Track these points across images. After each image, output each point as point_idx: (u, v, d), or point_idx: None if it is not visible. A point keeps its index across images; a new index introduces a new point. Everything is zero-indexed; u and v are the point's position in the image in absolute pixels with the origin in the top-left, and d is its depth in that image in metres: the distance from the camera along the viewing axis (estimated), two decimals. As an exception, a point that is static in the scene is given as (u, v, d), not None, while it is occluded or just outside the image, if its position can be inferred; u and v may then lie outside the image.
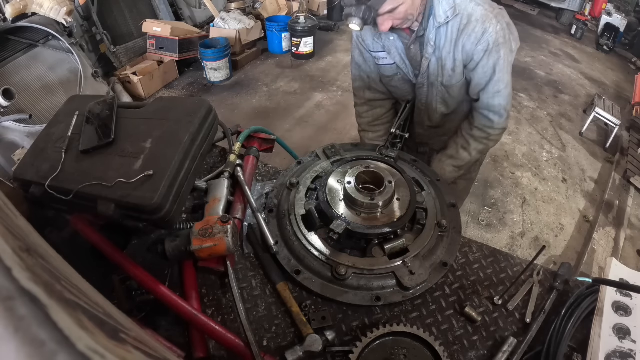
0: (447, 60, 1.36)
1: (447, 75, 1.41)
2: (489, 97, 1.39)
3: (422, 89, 1.53)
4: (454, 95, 1.48)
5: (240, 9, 5.64)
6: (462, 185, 1.88)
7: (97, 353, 0.26)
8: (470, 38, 1.28)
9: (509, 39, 1.30)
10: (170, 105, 1.14)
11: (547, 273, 1.11)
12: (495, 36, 1.26)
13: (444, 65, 1.38)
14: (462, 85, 1.45)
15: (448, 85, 1.45)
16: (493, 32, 1.25)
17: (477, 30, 1.26)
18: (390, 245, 1.06)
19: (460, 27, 1.28)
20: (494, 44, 1.27)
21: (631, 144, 4.16)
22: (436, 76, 1.44)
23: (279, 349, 0.92)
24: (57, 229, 1.10)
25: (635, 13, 7.27)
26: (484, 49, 1.28)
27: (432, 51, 1.37)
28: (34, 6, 3.14)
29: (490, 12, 1.26)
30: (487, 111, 1.45)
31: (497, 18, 1.26)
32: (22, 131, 2.55)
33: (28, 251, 0.33)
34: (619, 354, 0.88)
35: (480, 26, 1.25)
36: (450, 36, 1.31)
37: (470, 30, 1.27)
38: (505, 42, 1.29)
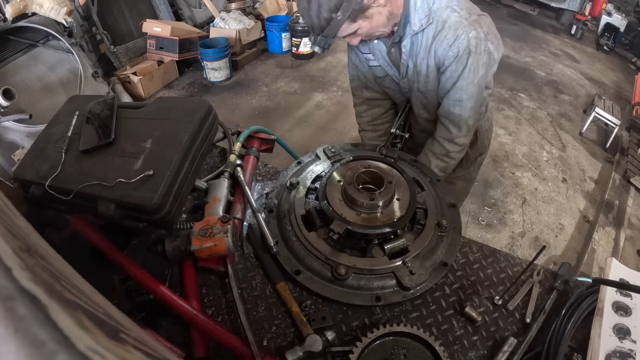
0: (422, 66, 1.37)
1: (423, 81, 1.41)
2: (450, 104, 1.39)
3: (407, 93, 1.55)
4: (431, 100, 1.48)
5: (240, 9, 5.64)
6: (460, 185, 1.87)
7: (97, 353, 0.26)
8: (442, 44, 1.27)
9: (483, 50, 1.28)
10: (170, 105, 1.14)
11: (547, 273, 1.11)
12: (467, 43, 1.24)
13: (419, 71, 1.39)
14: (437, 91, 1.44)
15: (424, 91, 1.45)
16: (465, 39, 1.24)
17: (448, 37, 1.25)
18: (390, 245, 1.06)
19: (434, 33, 1.28)
20: (464, 50, 1.25)
21: (631, 144, 4.16)
22: (413, 82, 1.45)
23: (279, 349, 0.92)
24: (57, 229, 1.09)
25: (635, 13, 7.27)
26: (454, 55, 1.27)
27: (406, 57, 1.38)
28: (34, 6, 3.14)
29: (465, 19, 1.24)
30: (447, 120, 1.44)
31: (473, 25, 1.24)
32: (22, 131, 2.55)
33: (28, 251, 0.33)
34: (619, 354, 0.88)
35: (453, 32, 1.24)
36: (425, 42, 1.30)
37: (443, 37, 1.26)
38: (477, 52, 1.27)
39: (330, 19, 1.16)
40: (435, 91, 1.43)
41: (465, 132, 1.46)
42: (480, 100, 1.39)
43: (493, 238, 3.07)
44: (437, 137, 1.52)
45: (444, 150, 1.51)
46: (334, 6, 1.14)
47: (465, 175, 1.83)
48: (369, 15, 1.22)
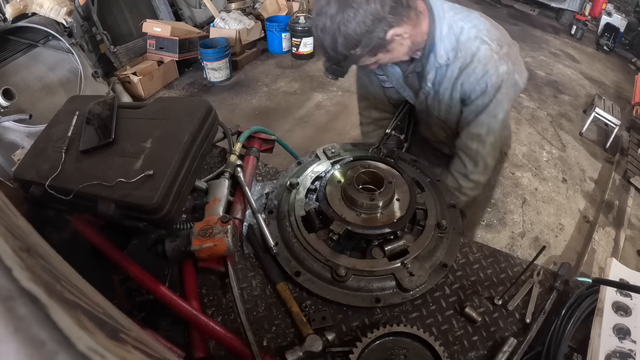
0: (444, 95, 1.29)
1: (444, 111, 1.35)
2: (468, 137, 1.31)
3: (422, 114, 1.50)
4: (452, 126, 1.42)
5: (240, 9, 5.64)
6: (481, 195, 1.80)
7: (97, 353, 0.26)
8: (470, 78, 1.19)
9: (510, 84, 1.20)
10: (170, 105, 1.14)
11: (547, 273, 1.11)
12: (496, 79, 1.17)
13: (441, 100, 1.31)
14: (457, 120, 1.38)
15: (445, 119, 1.40)
16: (494, 74, 1.16)
17: (477, 71, 1.17)
18: (390, 247, 1.06)
19: (462, 66, 1.19)
20: (492, 86, 1.18)
21: (631, 144, 4.16)
22: (432, 108, 1.38)
23: (279, 349, 0.92)
24: (57, 229, 1.10)
25: (635, 13, 7.27)
26: (481, 89, 1.20)
27: (428, 89, 1.30)
28: (34, 6, 3.14)
29: (496, 52, 1.15)
30: (464, 153, 1.37)
31: (504, 59, 1.16)
32: (22, 131, 2.55)
33: (28, 251, 0.33)
34: (619, 354, 0.88)
35: (482, 67, 1.16)
36: (451, 74, 1.22)
37: (471, 70, 1.18)
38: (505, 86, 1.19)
39: (348, 55, 1.06)
40: (457, 120, 1.35)
41: (482, 169, 1.37)
42: (501, 139, 1.32)
43: (493, 238, 3.06)
44: (451, 170, 1.44)
45: (456, 185, 1.42)
46: (352, 43, 1.03)
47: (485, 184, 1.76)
48: (390, 49, 1.12)
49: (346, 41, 1.02)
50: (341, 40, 1.02)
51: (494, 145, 1.32)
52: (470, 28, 1.16)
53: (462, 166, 1.39)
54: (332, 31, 1.02)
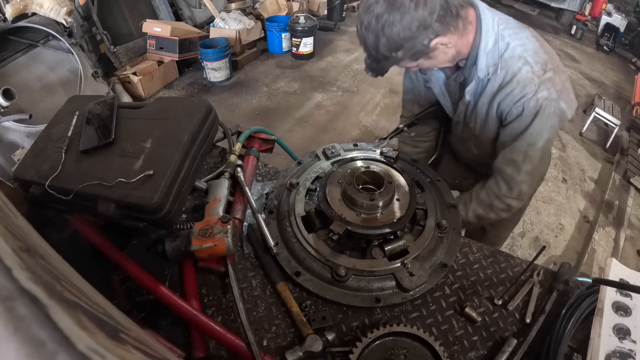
0: (482, 110, 1.26)
1: (480, 125, 1.32)
2: (504, 162, 1.27)
3: (458, 126, 1.46)
4: (485, 143, 1.37)
5: (240, 9, 5.65)
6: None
7: (97, 353, 0.26)
8: (507, 98, 1.16)
9: (552, 112, 1.13)
10: (170, 105, 1.14)
11: (547, 273, 1.11)
12: (534, 104, 1.12)
13: (477, 114, 1.29)
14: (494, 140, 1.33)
15: (479, 135, 1.36)
16: (532, 99, 1.11)
17: (515, 93, 1.13)
18: (390, 247, 1.06)
19: (501, 83, 1.15)
20: (529, 111, 1.13)
21: (631, 144, 4.16)
22: (469, 121, 1.36)
23: (279, 349, 0.92)
24: (57, 229, 1.10)
25: (635, 13, 7.28)
26: (517, 112, 1.16)
27: (467, 101, 1.28)
28: (34, 6, 3.14)
29: (537, 76, 1.11)
30: (499, 176, 1.32)
31: (545, 84, 1.11)
32: (22, 131, 2.55)
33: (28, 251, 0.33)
34: (619, 354, 0.88)
35: (520, 89, 1.12)
36: (490, 89, 1.19)
37: (509, 90, 1.14)
38: (545, 114, 1.13)
39: (389, 56, 1.05)
40: (492, 138, 1.32)
41: (516, 196, 1.31)
42: (541, 168, 1.26)
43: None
44: (486, 186, 1.38)
45: (488, 201, 1.36)
46: (394, 46, 1.02)
47: None
48: (432, 56, 1.10)
49: (389, 43, 1.02)
50: (384, 41, 1.02)
51: (530, 174, 1.26)
52: (517, 46, 1.12)
53: (497, 187, 1.34)
54: (376, 31, 1.01)
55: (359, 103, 4.65)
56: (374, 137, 4.02)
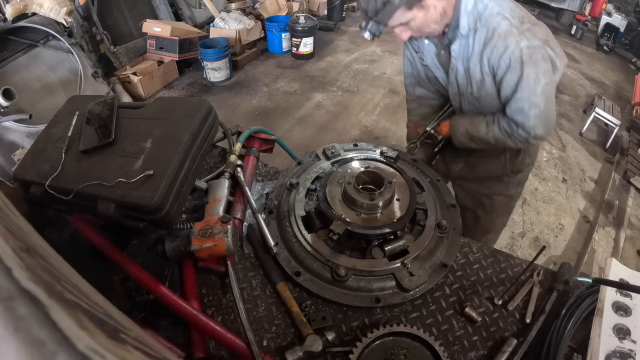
0: (475, 71, 1.33)
1: (476, 87, 1.38)
2: (513, 113, 1.34)
3: (454, 100, 1.52)
4: (486, 105, 1.43)
5: (240, 9, 5.65)
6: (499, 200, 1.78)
7: (97, 353, 0.26)
8: (493, 53, 1.25)
9: (540, 58, 1.22)
10: (170, 105, 1.14)
11: (547, 273, 1.11)
12: (518, 53, 1.20)
13: (472, 76, 1.35)
14: (493, 97, 1.39)
15: (478, 96, 1.41)
16: (515, 49, 1.20)
17: (498, 46, 1.22)
18: (390, 247, 1.06)
19: (485, 40, 1.25)
20: (515, 60, 1.21)
21: (631, 144, 4.16)
22: (465, 86, 1.41)
23: (279, 349, 0.92)
24: (57, 229, 1.10)
25: (635, 13, 7.27)
26: (506, 65, 1.24)
27: (455, 61, 1.36)
28: (34, 6, 3.14)
29: (516, 27, 1.20)
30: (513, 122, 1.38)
31: (525, 34, 1.20)
32: (22, 131, 2.55)
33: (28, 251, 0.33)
34: (619, 354, 0.88)
35: (502, 42, 1.21)
36: (477, 48, 1.28)
37: (493, 45, 1.24)
38: (533, 60, 1.21)
39: (387, 2, 1.16)
40: (492, 96, 1.38)
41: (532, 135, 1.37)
42: (548, 109, 1.31)
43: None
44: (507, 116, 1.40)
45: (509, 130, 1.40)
46: None
47: (504, 191, 1.74)
48: (425, 6, 1.21)
49: None
50: None
51: (539, 117, 1.31)
52: (494, 6, 1.23)
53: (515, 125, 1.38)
54: None
55: (359, 103, 4.65)
56: (373, 137, 4.04)
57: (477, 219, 1.83)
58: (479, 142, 1.51)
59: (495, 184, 1.72)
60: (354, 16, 7.26)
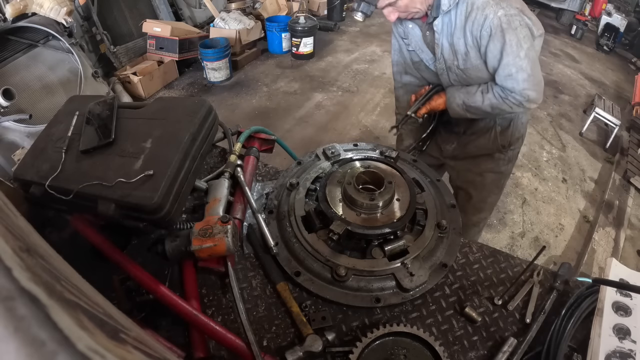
0: (459, 45, 1.42)
1: (462, 59, 1.46)
2: (502, 80, 1.42)
3: (443, 75, 1.58)
4: (473, 77, 1.50)
5: (240, 9, 5.65)
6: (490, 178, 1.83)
7: (97, 353, 0.26)
8: (474, 25, 1.34)
9: (518, 25, 1.31)
10: (170, 105, 1.14)
11: (547, 273, 1.11)
12: (497, 22, 1.30)
13: (457, 49, 1.44)
14: (479, 68, 1.46)
15: (464, 69, 1.49)
16: (494, 18, 1.30)
17: (478, 17, 1.32)
18: (390, 247, 1.06)
19: (465, 13, 1.34)
20: (496, 29, 1.31)
21: (631, 144, 4.16)
22: (452, 60, 1.49)
23: (279, 349, 0.92)
24: (57, 229, 1.09)
25: (635, 13, 7.28)
26: (487, 34, 1.33)
27: (439, 36, 1.44)
28: (34, 6, 3.14)
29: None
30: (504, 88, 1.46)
31: (500, 4, 1.30)
32: (22, 131, 2.55)
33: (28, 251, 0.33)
34: (619, 354, 0.88)
35: (481, 13, 1.31)
36: (459, 23, 1.37)
37: (473, 17, 1.33)
38: (512, 27, 1.31)
39: None
40: (478, 68, 1.46)
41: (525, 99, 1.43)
42: (536, 73, 1.39)
43: (493, 238, 3.06)
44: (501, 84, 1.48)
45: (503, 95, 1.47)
46: None
47: (494, 168, 1.80)
48: None
49: None
50: None
51: (528, 80, 1.38)
52: None
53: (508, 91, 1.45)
54: None
55: (359, 103, 4.65)
56: (373, 137, 4.04)
57: (469, 198, 1.90)
58: (475, 111, 1.56)
59: (486, 161, 1.77)
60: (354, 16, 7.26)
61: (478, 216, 1.97)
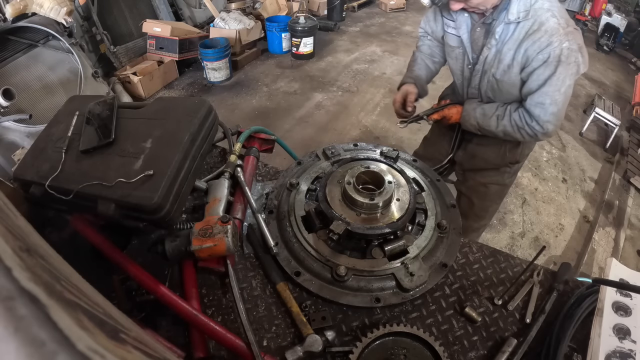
0: (506, 56, 1.39)
1: (502, 70, 1.43)
2: (532, 104, 1.41)
3: (475, 77, 1.56)
4: (503, 90, 1.49)
5: (240, 9, 5.65)
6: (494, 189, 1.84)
7: (97, 353, 0.26)
8: (534, 45, 1.30)
9: (573, 61, 1.29)
10: (170, 105, 1.14)
11: (547, 273, 1.11)
12: (559, 52, 1.27)
13: (502, 59, 1.41)
14: (513, 84, 1.45)
15: (500, 80, 1.47)
16: (557, 48, 1.26)
17: (542, 40, 1.28)
18: (390, 247, 1.06)
19: (529, 30, 1.30)
20: (554, 58, 1.28)
21: (631, 144, 4.16)
22: (490, 66, 1.46)
23: (279, 349, 0.92)
24: (57, 229, 1.09)
25: (635, 13, 7.26)
26: (543, 59, 1.30)
27: (494, 43, 1.40)
28: (34, 6, 3.14)
29: (562, 27, 1.26)
30: (529, 114, 1.45)
31: (568, 36, 1.26)
32: (22, 131, 2.55)
33: (28, 251, 0.33)
34: (619, 354, 0.88)
35: (547, 37, 1.27)
36: (517, 35, 1.33)
37: (537, 38, 1.29)
38: (567, 62, 1.28)
39: None
40: (512, 84, 1.44)
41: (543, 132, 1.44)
42: (562, 110, 1.40)
43: (493, 238, 3.06)
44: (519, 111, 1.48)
45: (520, 124, 1.48)
46: None
47: (499, 180, 1.81)
48: None
49: None
50: None
51: (555, 114, 1.39)
52: (545, 1, 1.29)
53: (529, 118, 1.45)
54: None
55: (359, 103, 4.65)
56: (373, 137, 4.04)
57: (471, 205, 1.91)
58: (486, 133, 1.57)
59: (493, 173, 1.78)
60: (354, 16, 7.27)
61: (479, 223, 2.01)
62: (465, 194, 1.91)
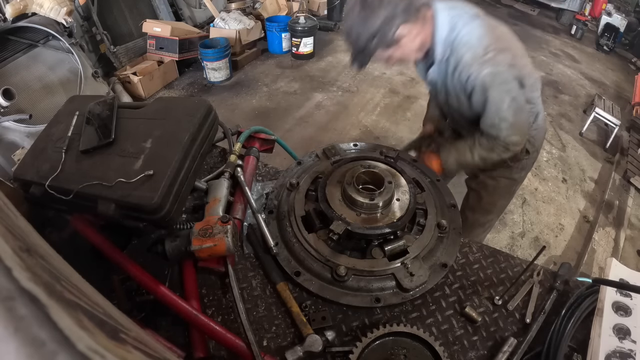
0: (450, 88, 1.45)
1: (454, 99, 1.50)
2: (486, 127, 1.44)
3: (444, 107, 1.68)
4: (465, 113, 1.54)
5: (240, 9, 5.64)
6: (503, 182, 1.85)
7: (97, 353, 0.26)
8: (460, 78, 1.37)
9: (503, 80, 1.32)
10: (170, 105, 1.14)
11: (547, 273, 1.11)
12: (480, 81, 1.31)
13: (448, 92, 1.48)
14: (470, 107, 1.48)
15: (458, 107, 1.53)
16: (477, 78, 1.31)
17: (463, 74, 1.34)
18: (390, 247, 1.06)
19: (454, 67, 1.37)
20: (480, 86, 1.32)
21: (631, 144, 4.16)
22: (447, 98, 1.53)
23: (279, 349, 0.92)
24: (57, 229, 1.10)
25: (635, 13, 7.27)
26: (471, 88, 1.36)
27: (435, 79, 1.50)
28: (34, 6, 3.14)
29: (479, 57, 1.29)
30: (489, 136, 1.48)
31: (486, 64, 1.29)
32: (22, 131, 2.55)
33: (28, 251, 0.33)
34: (619, 354, 0.88)
35: (466, 71, 1.32)
36: (450, 70, 1.40)
37: (458, 73, 1.36)
38: (495, 84, 1.31)
39: (365, 47, 1.30)
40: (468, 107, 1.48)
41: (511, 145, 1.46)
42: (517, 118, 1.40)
43: (493, 238, 3.06)
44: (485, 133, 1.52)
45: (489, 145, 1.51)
46: (370, 36, 1.28)
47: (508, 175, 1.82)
48: (401, 45, 1.33)
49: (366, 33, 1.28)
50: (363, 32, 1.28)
51: (511, 128, 1.41)
52: (464, 35, 1.32)
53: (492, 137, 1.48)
54: (356, 27, 1.30)
55: (359, 103, 4.65)
56: (373, 137, 4.03)
57: (480, 199, 1.92)
58: (469, 167, 1.66)
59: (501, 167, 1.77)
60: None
61: (486, 217, 1.99)
62: (474, 189, 1.93)
